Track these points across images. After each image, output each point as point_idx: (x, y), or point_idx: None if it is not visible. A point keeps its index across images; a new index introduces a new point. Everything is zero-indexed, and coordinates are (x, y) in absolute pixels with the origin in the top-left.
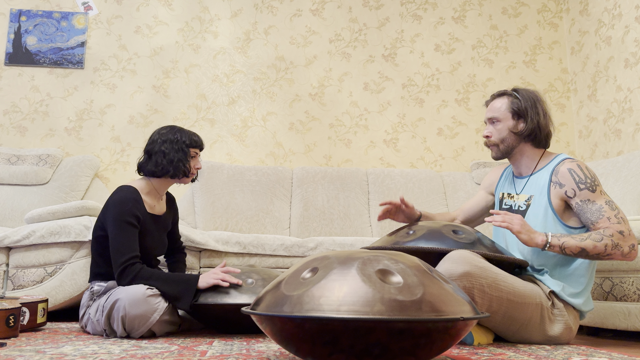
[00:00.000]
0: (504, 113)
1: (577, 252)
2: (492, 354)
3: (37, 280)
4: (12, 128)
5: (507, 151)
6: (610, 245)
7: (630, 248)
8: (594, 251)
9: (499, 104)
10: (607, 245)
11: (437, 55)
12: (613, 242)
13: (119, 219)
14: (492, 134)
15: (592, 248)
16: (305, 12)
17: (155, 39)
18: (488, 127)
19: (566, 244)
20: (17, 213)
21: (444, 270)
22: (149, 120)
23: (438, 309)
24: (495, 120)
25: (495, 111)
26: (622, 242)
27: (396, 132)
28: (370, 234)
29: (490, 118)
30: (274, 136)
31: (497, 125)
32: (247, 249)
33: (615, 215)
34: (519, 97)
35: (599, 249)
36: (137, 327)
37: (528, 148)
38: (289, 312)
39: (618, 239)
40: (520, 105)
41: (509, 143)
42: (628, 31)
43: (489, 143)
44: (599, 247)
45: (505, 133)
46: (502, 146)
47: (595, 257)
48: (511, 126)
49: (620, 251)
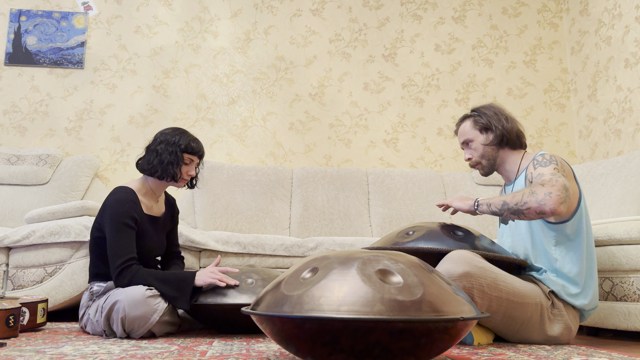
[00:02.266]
0: (472, 132)
1: (500, 206)
2: (492, 354)
3: (37, 280)
4: (12, 128)
5: (491, 164)
6: (527, 192)
7: (546, 195)
8: (512, 201)
9: (465, 127)
10: (524, 193)
11: (437, 55)
12: (531, 190)
13: (116, 220)
14: (472, 155)
15: (511, 198)
16: (305, 12)
17: (155, 39)
18: (465, 150)
19: (491, 201)
20: (17, 213)
21: (444, 270)
22: (148, 120)
23: (438, 309)
24: (468, 141)
25: (464, 134)
26: (538, 190)
27: (396, 132)
28: (370, 234)
29: (464, 142)
30: (274, 136)
31: (472, 145)
32: (247, 249)
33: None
34: (479, 114)
35: (516, 198)
36: (137, 328)
37: (507, 154)
38: (289, 312)
39: (536, 188)
40: (482, 119)
41: (489, 156)
42: (628, 31)
43: (472, 164)
44: (517, 196)
45: (481, 149)
46: (484, 161)
47: (516, 210)
48: (483, 140)
49: (535, 198)
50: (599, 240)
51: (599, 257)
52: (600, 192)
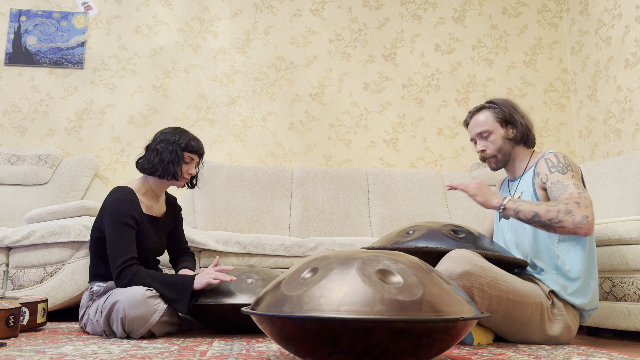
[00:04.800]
0: (492, 124)
1: (530, 217)
2: (492, 354)
3: (37, 280)
4: (12, 128)
5: (505, 159)
6: (563, 210)
7: (584, 218)
8: (546, 216)
9: (483, 118)
10: (560, 210)
11: (437, 55)
12: (567, 208)
13: (116, 220)
14: (487, 147)
15: (544, 212)
16: (305, 12)
17: (155, 39)
18: (479, 142)
19: (521, 208)
20: (17, 213)
21: (444, 270)
22: (148, 120)
23: (438, 309)
24: (486, 133)
25: (482, 125)
26: (575, 210)
27: (396, 132)
28: (370, 234)
29: (480, 133)
30: (274, 136)
31: (489, 138)
32: (247, 249)
33: (579, 193)
34: (499, 107)
35: (551, 213)
36: (137, 329)
37: (520, 151)
38: (289, 312)
39: (572, 207)
40: (505, 112)
41: (506, 151)
42: (628, 31)
43: (485, 156)
44: (552, 212)
45: (501, 142)
46: (500, 155)
47: (548, 225)
48: (504, 134)
49: (572, 219)
50: (598, 240)
51: (599, 257)
52: (600, 192)
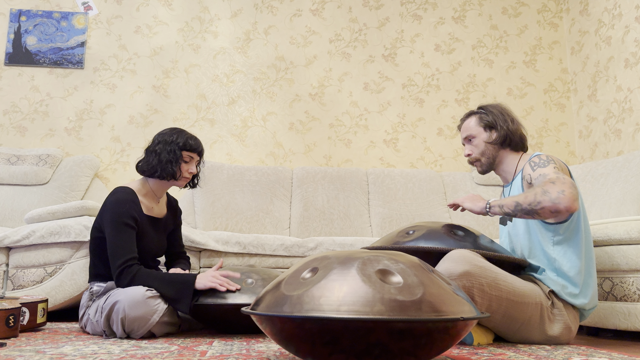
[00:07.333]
0: (476, 129)
1: (513, 207)
2: (492, 354)
3: (37, 280)
4: (12, 128)
5: (490, 162)
6: (540, 192)
7: (560, 192)
8: (525, 201)
9: (470, 123)
10: (537, 193)
11: (437, 55)
12: (543, 190)
13: (116, 220)
14: (472, 151)
15: (523, 199)
16: (305, 12)
17: (155, 39)
18: (466, 146)
19: (503, 202)
20: (17, 213)
21: (444, 270)
22: (148, 121)
23: (438, 309)
24: (471, 137)
25: (468, 130)
26: (550, 188)
27: (396, 132)
28: (370, 234)
29: (466, 137)
30: (274, 136)
31: (473, 142)
32: (247, 249)
33: (556, 176)
34: (485, 112)
35: (529, 198)
36: (137, 329)
37: (507, 154)
38: (289, 312)
39: (548, 186)
40: (489, 117)
41: (489, 154)
42: (628, 31)
43: (471, 160)
44: (530, 197)
45: (483, 146)
46: (483, 159)
47: (530, 210)
48: (486, 138)
49: (549, 197)
50: (599, 241)
51: (599, 257)
52: (600, 192)
